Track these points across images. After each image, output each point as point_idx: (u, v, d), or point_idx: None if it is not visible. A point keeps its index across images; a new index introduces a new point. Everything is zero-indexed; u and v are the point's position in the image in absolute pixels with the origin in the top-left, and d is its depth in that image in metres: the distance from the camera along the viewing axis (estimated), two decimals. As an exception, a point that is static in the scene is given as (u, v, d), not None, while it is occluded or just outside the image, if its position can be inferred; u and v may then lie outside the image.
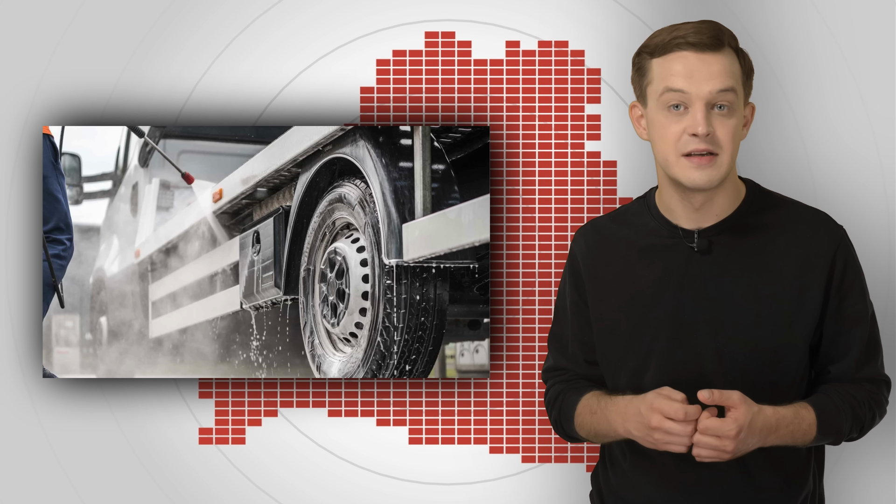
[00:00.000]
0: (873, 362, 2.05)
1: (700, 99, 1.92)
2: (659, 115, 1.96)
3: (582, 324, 2.14)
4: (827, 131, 2.81)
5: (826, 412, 1.97)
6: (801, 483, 2.06)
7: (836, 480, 2.76)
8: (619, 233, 2.11)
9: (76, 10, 2.85)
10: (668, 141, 1.95)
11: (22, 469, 2.86)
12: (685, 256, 2.02)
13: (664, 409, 1.88)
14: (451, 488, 2.88)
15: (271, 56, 2.86)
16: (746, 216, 2.03)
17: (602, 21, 2.84)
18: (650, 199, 2.10)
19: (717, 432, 1.86)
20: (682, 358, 2.01)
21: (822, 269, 1.99)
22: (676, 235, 2.04)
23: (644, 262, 2.05)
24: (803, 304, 1.99)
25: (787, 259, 2.00)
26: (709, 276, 2.00)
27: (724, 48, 1.93)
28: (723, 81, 1.92)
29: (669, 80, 1.93)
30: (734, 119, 1.94)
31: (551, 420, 2.19)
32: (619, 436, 1.99)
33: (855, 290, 2.02)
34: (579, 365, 2.16)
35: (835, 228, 2.03)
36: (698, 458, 1.89)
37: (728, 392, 1.88)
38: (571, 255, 2.17)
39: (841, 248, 2.01)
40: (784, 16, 2.80)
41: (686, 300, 2.01)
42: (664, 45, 1.94)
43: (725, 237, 2.01)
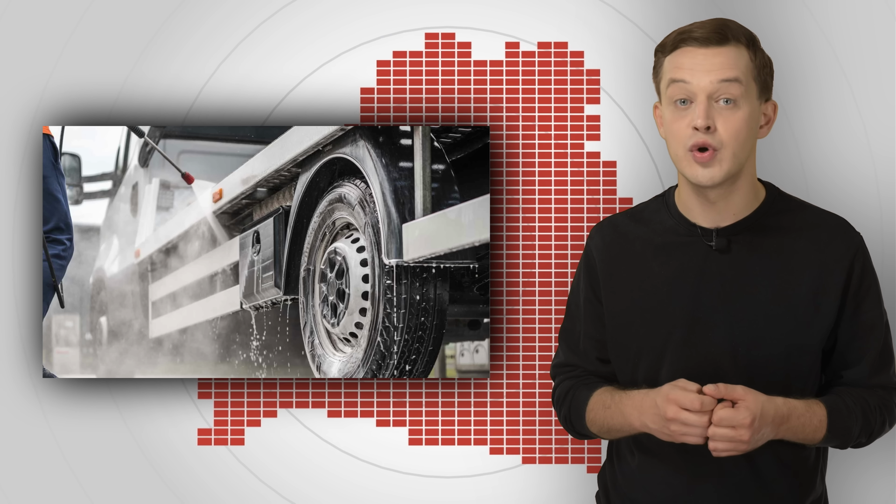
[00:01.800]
0: (887, 369, 2.05)
1: (702, 91, 1.92)
2: (668, 110, 1.97)
3: (595, 321, 2.14)
4: (821, 135, 2.82)
5: (837, 411, 1.97)
6: (809, 485, 2.05)
7: (837, 481, 2.76)
8: (636, 230, 2.10)
9: (84, 10, 2.85)
10: (676, 136, 1.96)
11: (22, 468, 2.86)
12: (703, 254, 2.02)
13: (680, 400, 1.88)
14: (452, 489, 2.87)
15: (274, 58, 2.86)
16: (766, 217, 2.03)
17: (601, 22, 2.85)
18: (669, 198, 2.10)
19: (731, 422, 1.85)
20: (697, 355, 2.00)
21: (840, 274, 1.99)
22: (694, 233, 2.03)
23: (660, 259, 2.05)
24: (819, 308, 1.99)
25: (805, 262, 1.99)
26: (726, 274, 2.00)
27: (728, 42, 1.93)
28: (724, 72, 1.92)
29: (673, 73, 1.95)
30: (740, 113, 1.93)
31: (560, 417, 2.19)
32: (635, 429, 1.99)
33: (871, 297, 2.02)
34: (590, 362, 2.16)
35: (853, 234, 2.03)
36: (715, 452, 1.88)
37: (732, 386, 1.89)
38: (587, 251, 2.16)
39: (859, 255, 2.01)
40: (778, 19, 2.80)
41: (702, 298, 2.01)
42: (673, 42, 1.96)
43: (744, 237, 2.01)
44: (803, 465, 2.04)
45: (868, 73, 2.81)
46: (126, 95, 2.86)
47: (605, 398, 2.06)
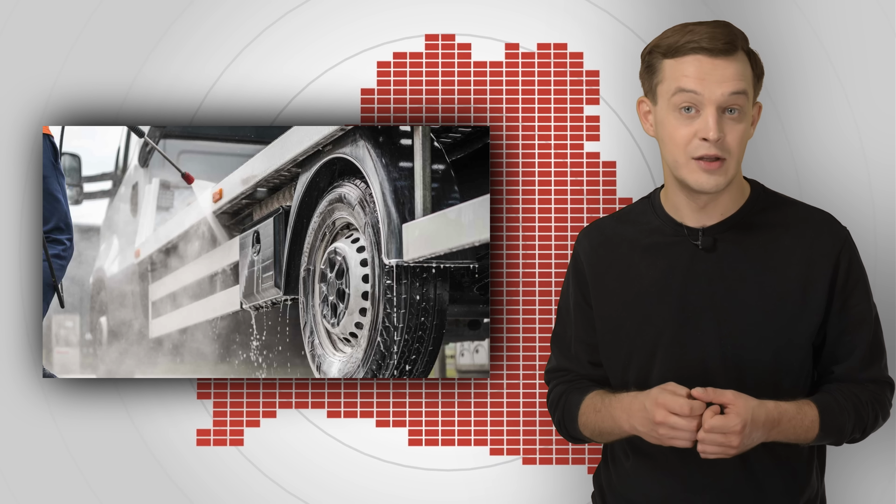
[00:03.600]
0: (877, 364, 2.05)
1: (712, 102, 1.91)
2: (669, 115, 1.96)
3: (585, 325, 2.14)
4: (813, 135, 2.82)
5: (829, 410, 1.97)
6: (804, 483, 2.05)
7: (836, 481, 2.76)
8: (622, 232, 2.11)
9: (92, 11, 2.85)
10: (677, 143, 1.95)
11: (23, 466, 2.85)
12: (689, 254, 2.02)
13: (669, 404, 1.88)
14: (452, 490, 2.87)
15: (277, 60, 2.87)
16: (751, 215, 2.03)
17: (601, 24, 2.85)
18: (655, 199, 2.11)
19: (722, 429, 1.85)
20: (687, 355, 2.01)
21: (826, 268, 1.99)
22: (681, 233, 2.04)
23: (648, 260, 2.05)
24: (807, 304, 1.99)
25: (792, 258, 2.00)
26: (713, 273, 2.00)
27: (737, 52, 1.93)
28: (735, 85, 1.91)
29: (682, 81, 1.93)
30: (744, 123, 1.94)
31: (554, 421, 2.19)
32: (625, 432, 1.99)
33: (859, 291, 2.03)
34: (582, 366, 2.16)
35: (839, 229, 2.03)
36: (703, 454, 1.88)
37: (721, 390, 1.89)
38: (575, 255, 2.17)
39: (845, 249, 2.01)
40: (769, 19, 2.81)
41: (690, 297, 2.01)
42: (678, 47, 1.94)
43: (730, 235, 2.02)
44: (798, 463, 2.05)
45: (860, 72, 2.82)
46: (134, 96, 2.86)
47: (595, 402, 2.06)
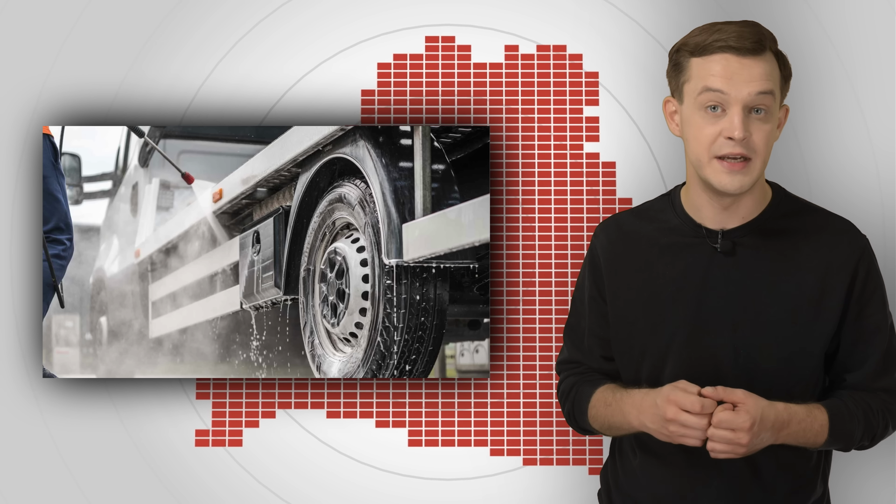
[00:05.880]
0: (890, 373, 2.04)
1: (738, 102, 1.90)
2: (695, 114, 1.95)
3: (599, 319, 2.14)
4: (823, 134, 2.82)
5: (839, 416, 1.96)
6: (810, 487, 2.05)
7: (839, 485, 2.75)
8: (641, 229, 2.10)
9: (81, 10, 2.86)
10: (702, 142, 1.94)
11: (20, 468, 2.85)
12: (708, 256, 2.01)
13: (680, 402, 1.87)
14: (452, 490, 2.87)
15: (273, 58, 2.87)
16: (772, 220, 2.02)
17: (600, 25, 2.86)
18: (675, 197, 2.10)
19: (731, 425, 1.85)
20: (700, 356, 2.00)
21: (844, 277, 1.98)
22: (700, 235, 2.03)
23: (665, 260, 2.04)
24: (823, 311, 1.98)
25: (810, 265, 1.99)
26: (731, 277, 2.00)
27: (765, 52, 1.93)
28: (762, 84, 1.91)
29: (709, 80, 1.92)
30: (770, 124, 1.93)
31: (564, 412, 2.19)
32: (634, 428, 1.99)
33: (875, 300, 2.02)
34: (594, 359, 2.16)
35: (858, 238, 2.02)
36: (713, 453, 1.88)
37: (732, 389, 1.88)
38: (592, 249, 2.16)
39: (864, 258, 2.00)
40: (780, 18, 2.81)
41: (707, 299, 2.00)
42: (706, 45, 1.93)
43: (749, 239, 2.01)
44: (804, 466, 2.04)
45: (870, 72, 2.82)
46: (123, 95, 2.86)
47: (606, 396, 2.06)
